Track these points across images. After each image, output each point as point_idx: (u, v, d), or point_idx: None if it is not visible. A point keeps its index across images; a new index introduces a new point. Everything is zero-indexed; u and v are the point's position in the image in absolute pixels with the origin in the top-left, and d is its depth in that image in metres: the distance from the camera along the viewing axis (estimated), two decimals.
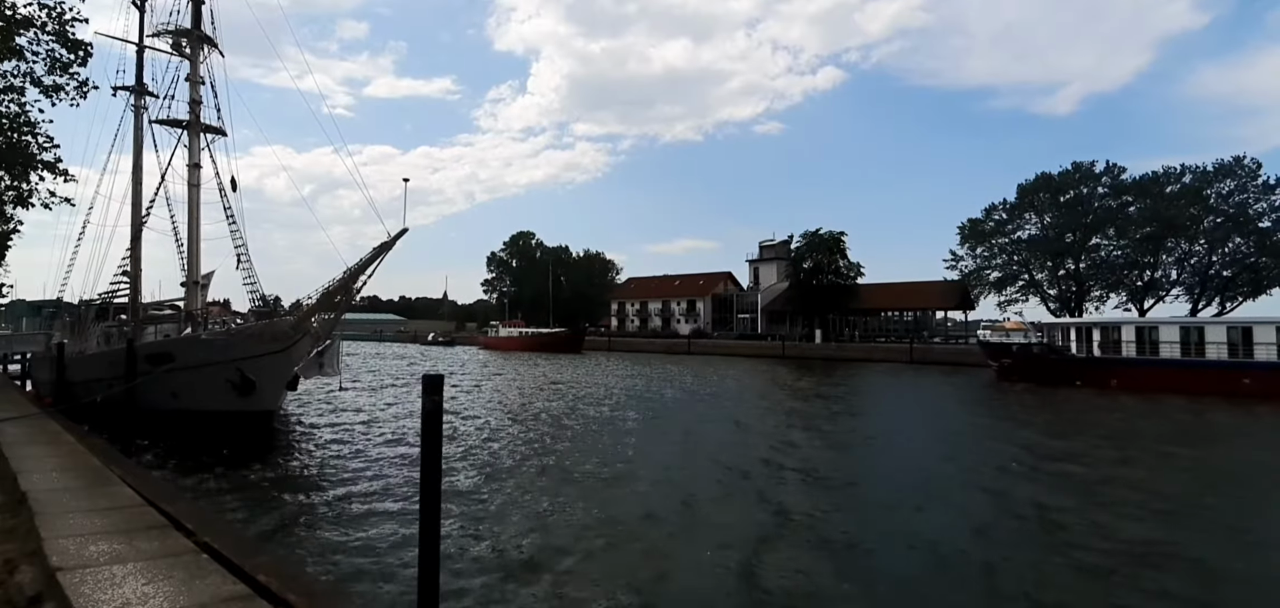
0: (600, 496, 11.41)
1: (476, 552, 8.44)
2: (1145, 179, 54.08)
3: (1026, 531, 10.09)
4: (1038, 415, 23.44)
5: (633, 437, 17.76)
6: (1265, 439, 20.17)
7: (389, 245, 15.79)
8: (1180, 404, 26.00)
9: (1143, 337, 33.69)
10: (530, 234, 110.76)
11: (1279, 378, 28.98)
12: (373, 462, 13.73)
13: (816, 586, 7.68)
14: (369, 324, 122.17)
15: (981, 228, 60.50)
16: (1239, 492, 12.90)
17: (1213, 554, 8.91)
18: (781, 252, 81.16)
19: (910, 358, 51.43)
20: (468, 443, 16.02)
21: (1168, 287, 53.89)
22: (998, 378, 36.98)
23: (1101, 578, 8.06)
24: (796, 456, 15.16)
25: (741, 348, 66.86)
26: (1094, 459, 15.38)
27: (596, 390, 29.85)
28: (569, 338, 72.93)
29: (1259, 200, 49.75)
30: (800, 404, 25.37)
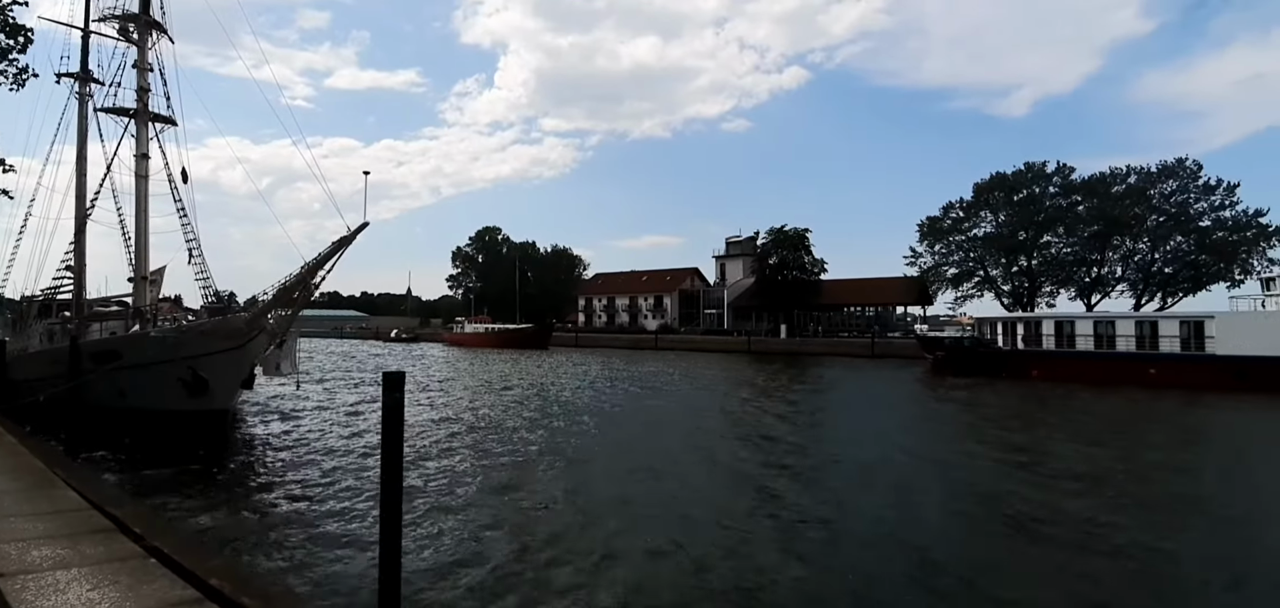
0: (564, 491, 11.42)
1: (439, 551, 8.39)
2: (1093, 179, 56.27)
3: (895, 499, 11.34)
4: (946, 404, 25.33)
5: (599, 432, 17.81)
6: (1110, 417, 21.25)
7: (349, 240, 15.51)
8: (1087, 391, 28.18)
9: (1061, 330, 35.50)
10: (497, 229, 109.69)
11: (1181, 368, 30.94)
12: (332, 461, 13.47)
13: (753, 559, 7.88)
14: (329, 321, 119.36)
15: (939, 225, 62.16)
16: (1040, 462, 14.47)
17: (1046, 510, 10.44)
18: (748, 248, 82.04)
19: (871, 353, 52.68)
20: (430, 441, 15.83)
21: (1114, 283, 56.23)
22: (932, 371, 38.49)
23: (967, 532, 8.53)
24: (753, 444, 15.55)
25: (708, 343, 67.44)
26: (979, 437, 17.96)
27: (563, 386, 29.80)
28: (536, 334, 72.49)
29: (1199, 201, 52.20)
30: (763, 398, 25.75)
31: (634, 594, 7.25)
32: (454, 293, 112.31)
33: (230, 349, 15.83)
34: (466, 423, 18.99)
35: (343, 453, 14.28)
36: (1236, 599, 7.70)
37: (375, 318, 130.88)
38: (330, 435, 16.51)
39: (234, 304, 19.85)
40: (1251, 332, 30.55)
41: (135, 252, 20.52)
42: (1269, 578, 8.29)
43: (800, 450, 15.51)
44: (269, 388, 24.42)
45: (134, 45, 20.49)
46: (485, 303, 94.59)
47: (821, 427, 19.85)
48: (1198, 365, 30.82)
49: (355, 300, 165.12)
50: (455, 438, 16.40)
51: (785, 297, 69.41)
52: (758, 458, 14.52)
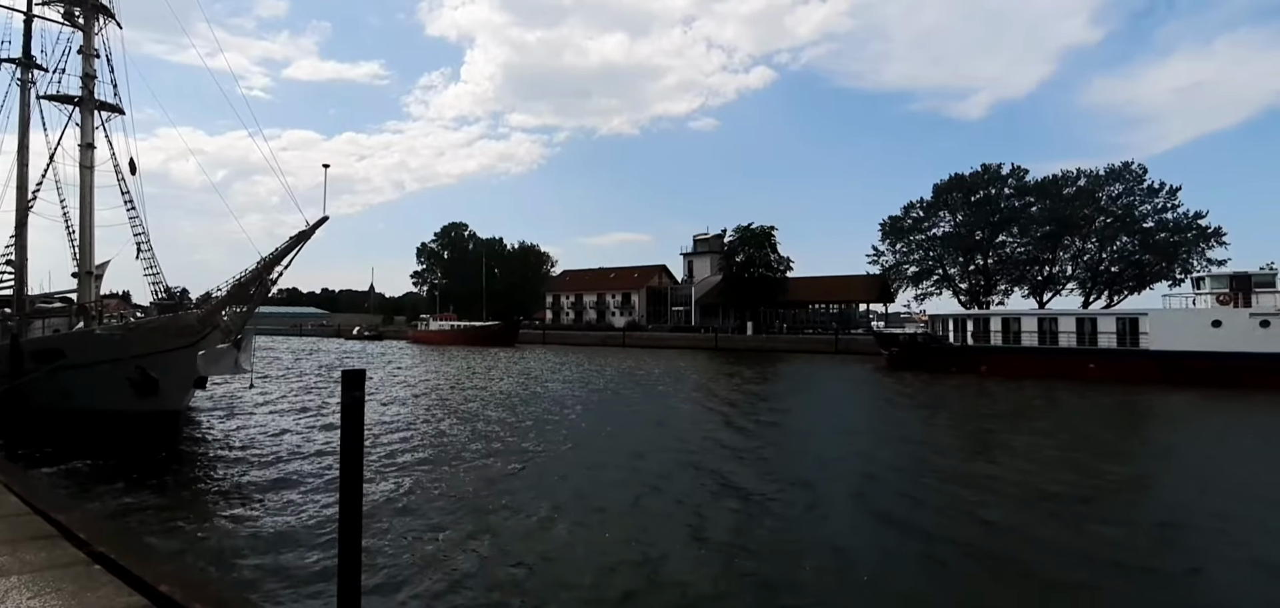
0: (526, 490, 11.38)
1: (400, 554, 8.28)
2: (1046, 181, 58.31)
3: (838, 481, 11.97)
4: (895, 398, 26.47)
5: (562, 429, 17.76)
6: (1008, 405, 22.32)
7: (308, 234, 15.16)
8: (1031, 385, 29.68)
9: (1008, 327, 36.92)
10: (463, 225, 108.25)
11: (1117, 363, 32.56)
12: (289, 462, 13.16)
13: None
14: (288, 318, 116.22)
15: (900, 224, 63.66)
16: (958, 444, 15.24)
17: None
18: (715, 245, 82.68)
19: (835, 349, 53.69)
20: (391, 441, 15.57)
21: (1064, 281, 58.35)
22: (888, 366, 39.66)
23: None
24: (715, 439, 15.74)
25: (675, 340, 67.79)
26: (919, 426, 19.61)
27: (529, 384, 29.63)
28: (503, 331, 71.81)
29: (1144, 203, 54.52)
30: (727, 394, 26.04)
31: (592, 592, 7.29)
32: (419, 290, 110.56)
33: (181, 347, 15.30)
34: (429, 422, 18.76)
35: (300, 454, 13.96)
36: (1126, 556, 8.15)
37: (336, 315, 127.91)
38: (287, 436, 16.11)
39: (186, 301, 19.19)
40: (1181, 328, 32.19)
41: (80, 246, 19.72)
42: (1183, 543, 8.77)
43: (757, 443, 15.82)
44: (223, 387, 23.71)
45: (80, 29, 19.62)
46: (451, 300, 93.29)
47: (780, 421, 20.27)
48: (1132, 360, 32.38)
49: (315, 297, 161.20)
50: (417, 437, 16.18)
51: (752, 294, 70.17)
52: (718, 452, 14.75)
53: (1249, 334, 30.34)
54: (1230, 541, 9.27)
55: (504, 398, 24.49)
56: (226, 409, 20.25)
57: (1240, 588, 7.78)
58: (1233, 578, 8.01)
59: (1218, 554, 8.76)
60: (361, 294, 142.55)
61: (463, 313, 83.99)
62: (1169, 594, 7.54)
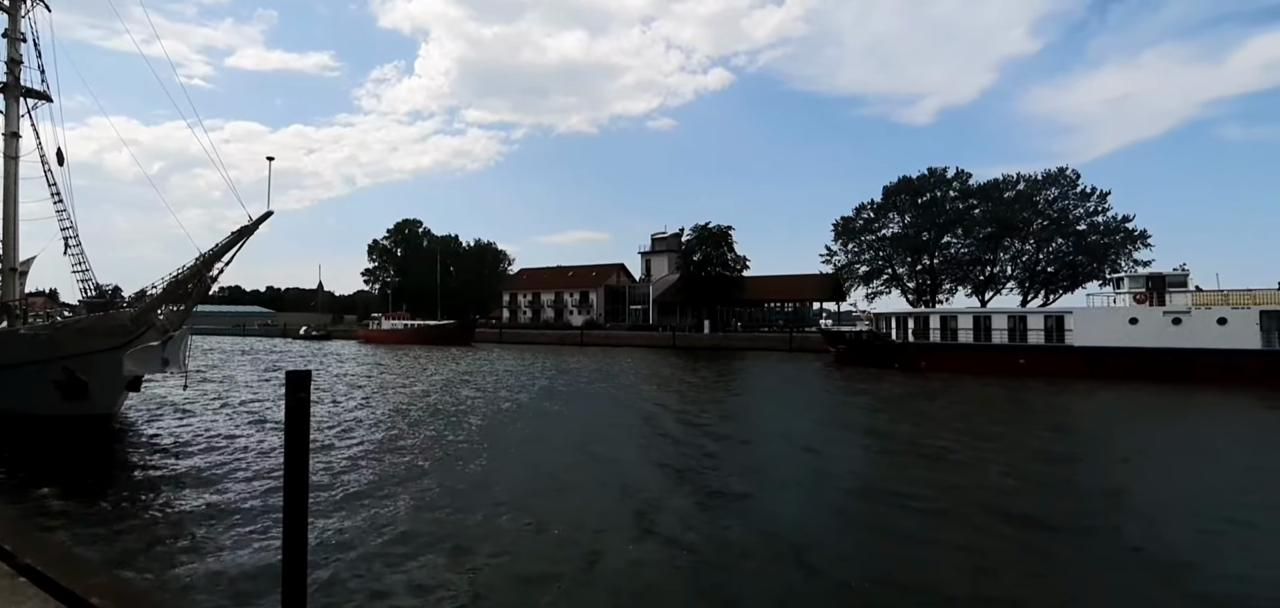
0: (476, 491, 11.27)
1: (347, 562, 8.08)
2: (987, 185, 60.84)
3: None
4: (838, 393, 28.02)
5: (517, 429, 17.66)
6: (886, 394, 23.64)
7: (250, 230, 14.72)
8: (967, 379, 31.50)
9: (946, 325, 38.70)
10: (417, 222, 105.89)
11: (1045, 358, 34.56)
12: (229, 467, 12.69)
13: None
14: (230, 317, 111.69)
15: (852, 225, 65.40)
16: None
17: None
18: (673, 244, 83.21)
19: (789, 347, 54.83)
20: (337, 445, 15.13)
21: (1005, 281, 61.02)
22: (835, 363, 41.05)
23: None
24: (668, 433, 15.96)
25: (633, 338, 68.00)
26: (854, 416, 21.24)
27: (484, 384, 29.28)
28: (458, 330, 70.67)
29: (1077, 207, 57.44)
30: (684, 390, 26.33)
31: (536, 594, 7.31)
32: (370, 288, 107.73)
33: (113, 348, 14.60)
34: (380, 424, 18.35)
35: (241, 458, 13.48)
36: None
37: (282, 314, 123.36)
38: (227, 439, 15.52)
39: (118, 299, 18.31)
40: (1102, 326, 34.26)
41: (2, 241, 18.63)
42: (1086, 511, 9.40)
43: (705, 435, 16.11)
44: (158, 390, 22.67)
45: (5, 12, 18.51)
46: (404, 298, 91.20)
47: (733, 414, 20.80)
48: (1059, 355, 34.34)
49: (260, 296, 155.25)
50: (364, 440, 15.81)
51: (709, 293, 70.95)
52: (671, 446, 14.97)
53: (1162, 331, 32.48)
54: (1126, 514, 10.03)
55: (456, 398, 24.15)
56: (161, 413, 19.35)
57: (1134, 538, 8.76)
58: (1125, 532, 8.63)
59: (1117, 522, 9.44)
60: (309, 293, 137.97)
61: (417, 312, 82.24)
62: (1058, 547, 8.07)
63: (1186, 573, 7.99)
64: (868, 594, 7.34)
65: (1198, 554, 8.68)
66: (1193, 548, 8.91)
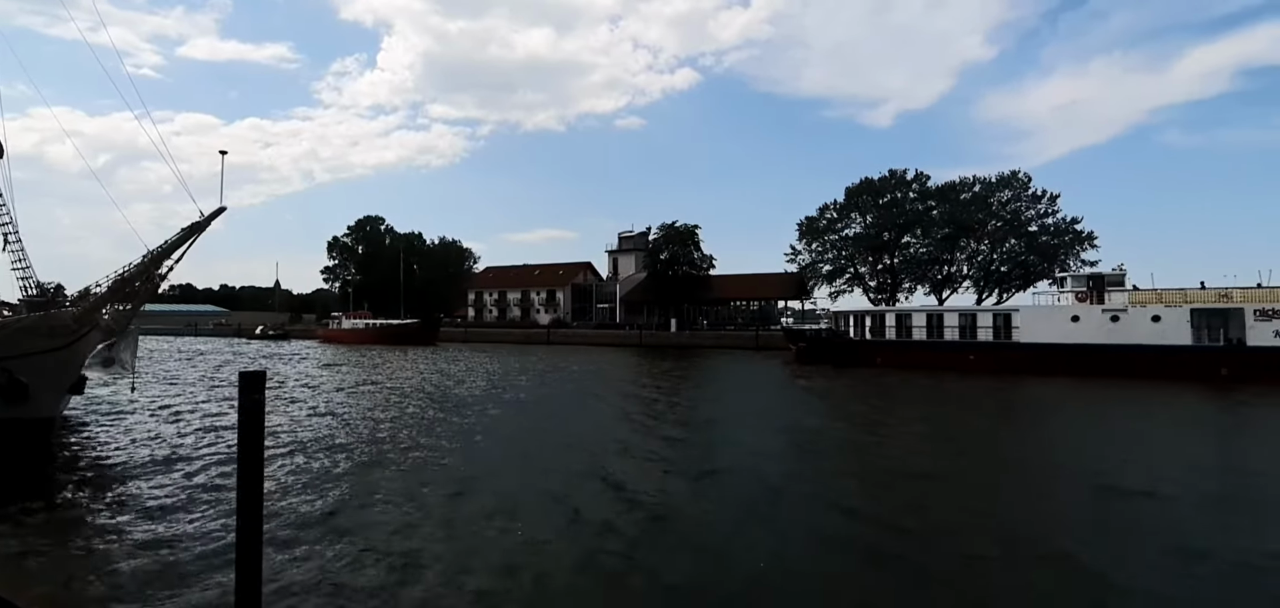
0: (436, 493, 11.10)
1: (304, 568, 7.88)
2: (945, 187, 62.61)
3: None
4: (797, 387, 29.03)
5: (478, 430, 17.48)
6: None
7: (202, 226, 14.28)
8: (921, 375, 32.86)
9: (901, 322, 39.93)
10: (379, 219, 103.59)
11: (993, 354, 35.97)
12: (179, 473, 12.25)
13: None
14: (181, 316, 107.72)
15: (816, 225, 66.54)
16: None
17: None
18: (640, 243, 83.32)
19: (755, 345, 55.50)
20: (293, 448, 14.71)
21: (961, 280, 62.87)
22: (795, 360, 41.89)
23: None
24: (631, 430, 16.03)
25: (600, 337, 67.94)
26: (810, 408, 21.94)
27: (447, 383, 28.88)
28: (421, 329, 69.43)
29: (1029, 209, 59.52)
30: (648, 388, 26.45)
31: (491, 591, 7.29)
32: (330, 286, 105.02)
33: (55, 349, 13.96)
34: (338, 427, 17.93)
35: (192, 462, 13.04)
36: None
37: (238, 314, 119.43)
38: (177, 443, 14.98)
39: (61, 297, 17.50)
40: (1046, 323, 35.75)
41: None
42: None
43: (660, 428, 16.26)
44: (104, 391, 21.76)
45: None
46: (366, 296, 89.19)
47: (688, 408, 21.33)
48: (1006, 352, 35.69)
49: (213, 294, 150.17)
50: (321, 444, 15.41)
51: (676, 292, 71.29)
52: (632, 442, 15.04)
53: (1101, 328, 34.02)
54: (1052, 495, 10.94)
55: (417, 398, 23.78)
56: (107, 416, 18.57)
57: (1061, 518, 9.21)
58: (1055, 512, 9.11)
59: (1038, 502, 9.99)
60: (266, 291, 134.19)
61: (379, 310, 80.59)
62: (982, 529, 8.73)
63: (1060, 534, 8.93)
64: (774, 582, 7.56)
65: (1082, 512, 10.16)
66: (1086, 514, 10.11)
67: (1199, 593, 7.38)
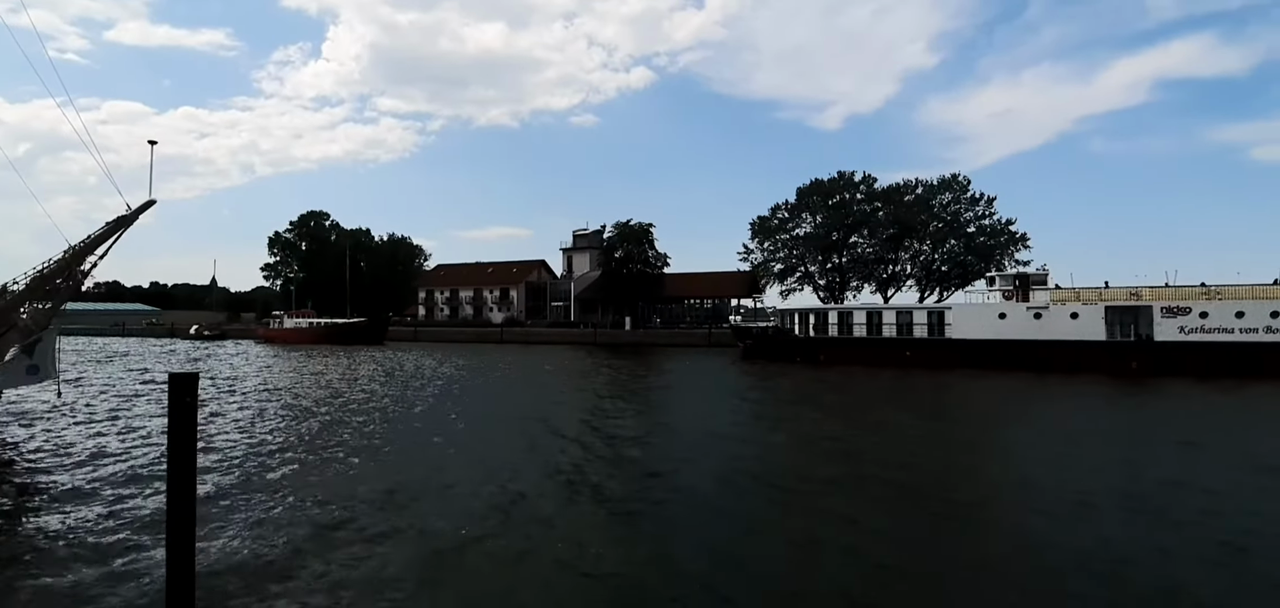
0: (376, 499, 10.71)
1: (236, 576, 7.58)
2: (890, 188, 64.66)
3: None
4: (740, 382, 29.83)
5: (424, 428, 17.16)
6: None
7: (129, 220, 13.58)
8: (861, 370, 34.30)
9: (843, 320, 41.27)
10: (324, 215, 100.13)
11: (928, 350, 37.54)
12: (104, 482, 11.56)
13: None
14: (108, 316, 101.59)
15: (768, 224, 67.73)
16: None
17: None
18: (594, 241, 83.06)
19: (708, 343, 56.17)
20: (227, 454, 14.03)
21: (905, 279, 65.09)
22: (742, 357, 42.79)
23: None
24: (580, 426, 16.10)
25: (554, 336, 67.55)
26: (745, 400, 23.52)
27: (393, 383, 28.19)
28: (369, 329, 67.39)
29: (968, 211, 62.04)
30: (600, 384, 26.47)
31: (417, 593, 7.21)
32: (271, 284, 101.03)
33: None
34: (271, 430, 17.28)
35: (118, 471, 12.33)
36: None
37: (170, 313, 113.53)
38: (102, 451, 14.14)
39: None
40: (976, 320, 37.60)
41: None
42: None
43: (590, 427, 16.37)
44: (21, 398, 20.36)
45: None
46: (310, 294, 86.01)
47: (644, 404, 21.90)
48: (940, 348, 37.28)
49: (144, 292, 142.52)
50: (255, 447, 14.75)
51: (630, 290, 71.40)
52: (581, 436, 15.18)
53: (1026, 324, 35.96)
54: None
55: (361, 399, 23.15)
56: (24, 423, 17.39)
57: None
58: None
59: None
60: (201, 289, 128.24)
61: (323, 309, 77.81)
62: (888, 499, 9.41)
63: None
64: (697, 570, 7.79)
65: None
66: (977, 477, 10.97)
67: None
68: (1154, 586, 7.34)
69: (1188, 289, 34.61)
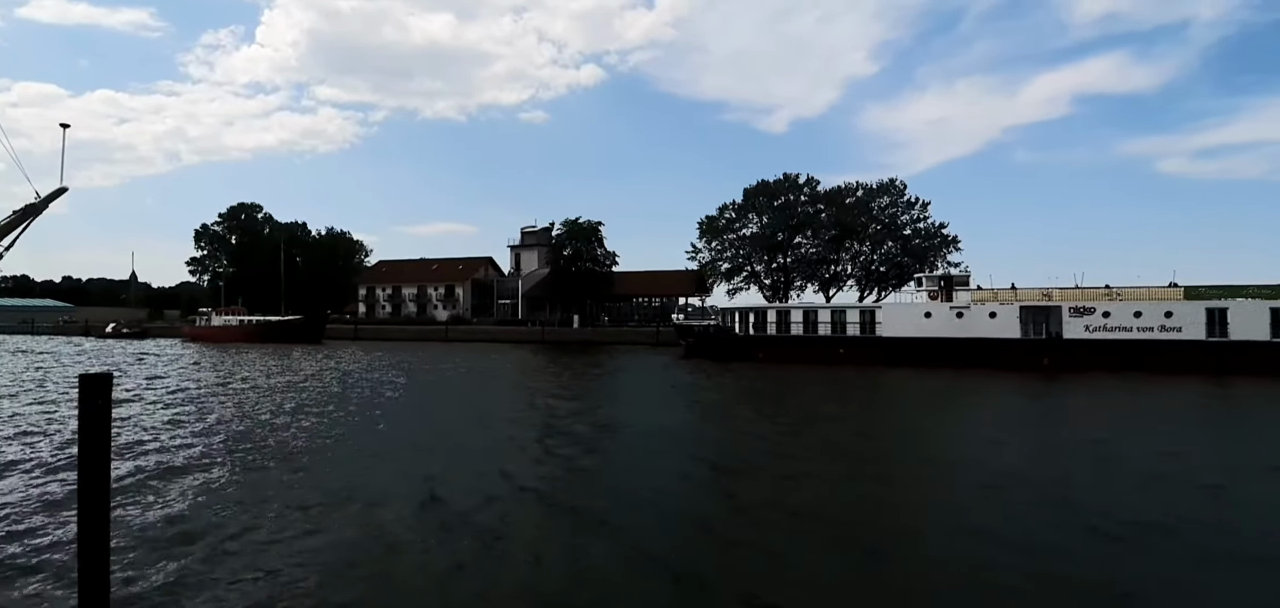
0: (301, 504, 10.43)
1: (150, 589, 7.27)
2: (832, 191, 66.73)
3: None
4: (681, 379, 30.67)
5: (356, 430, 16.75)
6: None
7: (38, 209, 12.82)
8: (798, 367, 35.56)
9: (781, 319, 42.42)
10: (256, 207, 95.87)
11: (860, 348, 39.00)
12: (5, 494, 10.86)
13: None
14: (16, 312, 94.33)
15: (715, 224, 68.75)
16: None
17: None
18: (543, 238, 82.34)
19: (656, 341, 56.59)
20: (142, 460, 13.25)
21: (846, 279, 67.26)
22: (685, 355, 43.54)
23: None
24: (517, 424, 16.08)
25: (502, 334, 66.73)
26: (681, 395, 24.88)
27: (328, 383, 27.28)
28: (305, 327, 64.78)
29: (904, 214, 64.65)
30: (545, 381, 26.36)
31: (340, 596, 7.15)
32: (198, 280, 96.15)
33: None
34: (192, 435, 16.42)
35: (21, 482, 11.56)
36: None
37: (85, 309, 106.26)
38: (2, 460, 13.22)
39: None
40: (904, 319, 39.43)
41: None
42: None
43: (519, 424, 16.45)
44: None
45: None
46: (240, 291, 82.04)
47: (579, 402, 22.46)
48: (870, 346, 38.84)
49: (55, 287, 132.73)
50: (174, 453, 13.98)
51: (579, 288, 71.15)
52: (515, 434, 15.21)
53: (949, 323, 37.89)
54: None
55: (297, 398, 22.33)
56: None
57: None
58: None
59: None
60: (120, 284, 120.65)
61: (255, 306, 74.38)
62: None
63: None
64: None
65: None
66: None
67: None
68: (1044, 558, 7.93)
69: (1093, 290, 37.11)
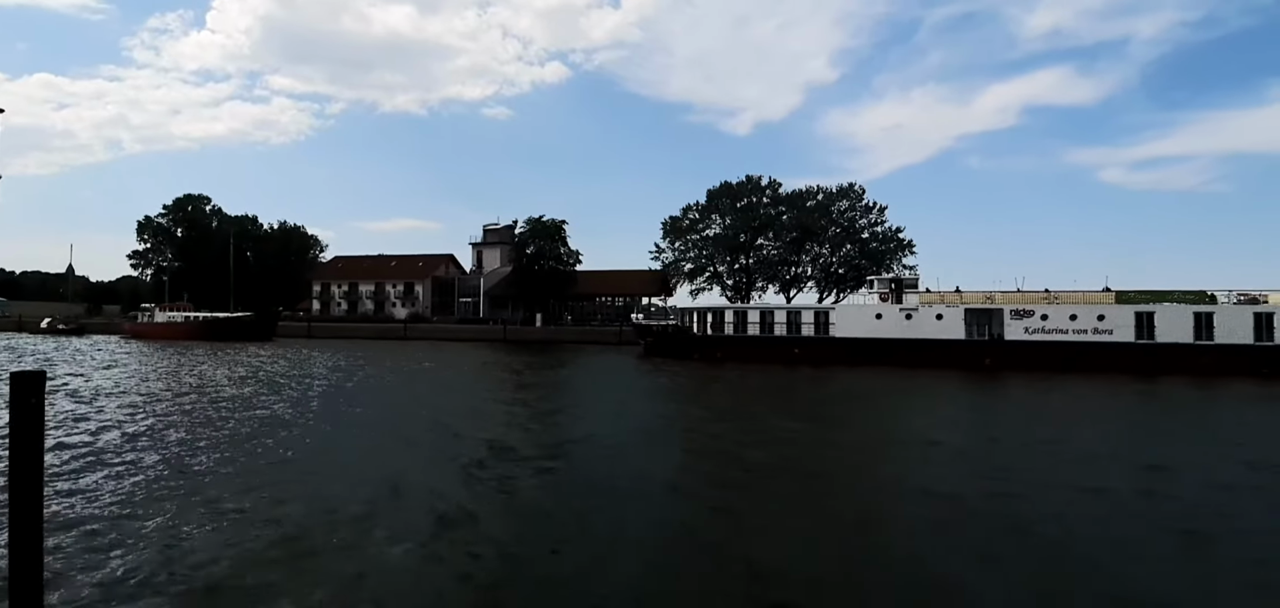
0: (244, 509, 9.99)
1: (87, 593, 6.93)
2: (793, 194, 67.99)
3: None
4: (642, 378, 31.31)
5: (306, 432, 16.31)
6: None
7: None
8: (754, 366, 36.20)
9: (739, 319, 43.28)
10: (204, 199, 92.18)
11: (815, 347, 40.10)
12: None
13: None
14: None
15: (679, 225, 69.27)
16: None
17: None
18: (506, 236, 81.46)
19: (618, 340, 56.63)
20: (77, 465, 12.46)
21: (806, 280, 68.63)
22: (644, 354, 43.96)
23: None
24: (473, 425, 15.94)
25: (462, 332, 65.80)
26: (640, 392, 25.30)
27: (276, 384, 26.45)
28: (256, 324, 62.50)
29: (862, 217, 66.35)
30: (506, 381, 26.14)
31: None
32: (140, 274, 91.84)
33: None
34: (139, 438, 15.58)
35: None
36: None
37: (18, 303, 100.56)
38: None
39: None
40: (856, 320, 40.73)
41: None
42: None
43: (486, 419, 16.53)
44: None
45: None
46: (186, 287, 78.65)
47: (533, 401, 22.79)
48: (824, 346, 39.91)
49: None
50: (111, 457, 13.21)
51: (542, 286, 70.68)
52: (466, 433, 15.21)
53: (899, 324, 39.29)
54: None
55: (243, 399, 21.58)
56: None
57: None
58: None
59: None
60: (56, 278, 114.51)
61: (202, 303, 71.49)
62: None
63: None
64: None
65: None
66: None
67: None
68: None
69: (1033, 294, 38.99)
